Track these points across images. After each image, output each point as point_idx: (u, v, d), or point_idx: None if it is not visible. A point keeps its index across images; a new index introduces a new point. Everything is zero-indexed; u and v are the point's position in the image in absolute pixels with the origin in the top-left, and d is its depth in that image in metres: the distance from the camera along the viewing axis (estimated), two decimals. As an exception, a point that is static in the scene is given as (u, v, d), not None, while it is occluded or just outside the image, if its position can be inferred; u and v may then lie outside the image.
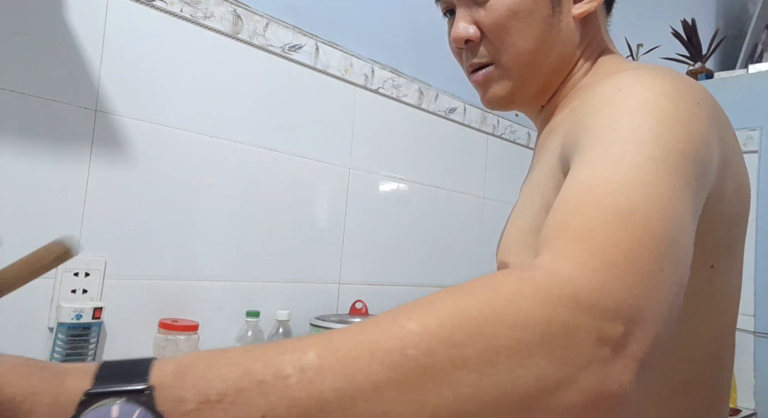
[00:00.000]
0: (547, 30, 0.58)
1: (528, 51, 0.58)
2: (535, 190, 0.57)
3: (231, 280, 1.20)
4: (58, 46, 0.97)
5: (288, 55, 1.31)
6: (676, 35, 2.20)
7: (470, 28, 0.59)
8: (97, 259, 1.01)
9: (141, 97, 1.08)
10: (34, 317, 0.95)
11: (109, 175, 1.03)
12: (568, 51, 0.60)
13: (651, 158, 0.39)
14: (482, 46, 0.60)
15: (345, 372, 0.29)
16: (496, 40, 0.58)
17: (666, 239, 0.35)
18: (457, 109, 1.75)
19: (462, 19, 0.60)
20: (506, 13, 0.57)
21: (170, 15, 1.12)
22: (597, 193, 0.38)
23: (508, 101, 0.62)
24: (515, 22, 0.57)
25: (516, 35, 0.57)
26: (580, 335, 0.31)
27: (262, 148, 1.26)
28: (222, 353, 0.31)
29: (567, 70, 0.61)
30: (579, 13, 0.59)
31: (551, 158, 0.55)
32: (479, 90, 0.64)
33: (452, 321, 0.31)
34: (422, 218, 1.64)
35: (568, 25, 0.59)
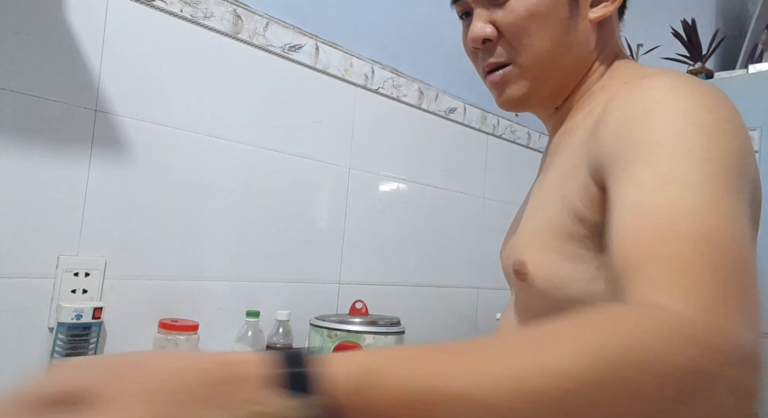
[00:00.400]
0: (564, 32, 0.59)
1: (545, 52, 0.59)
2: (552, 191, 0.57)
3: (231, 280, 1.20)
4: (58, 46, 0.97)
5: (288, 55, 1.31)
6: (676, 35, 2.20)
7: (487, 28, 0.60)
8: (97, 259, 1.01)
9: (141, 97, 1.08)
10: (34, 317, 0.95)
11: (109, 175, 1.03)
12: (584, 54, 0.61)
13: (708, 176, 0.40)
14: (499, 46, 0.61)
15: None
16: (514, 40, 0.59)
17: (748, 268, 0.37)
18: (457, 109, 1.75)
19: (480, 19, 0.60)
20: (525, 14, 0.58)
21: (170, 15, 1.12)
22: (667, 217, 0.38)
23: (525, 102, 0.63)
24: (533, 23, 0.58)
25: (534, 36, 0.59)
26: (722, 386, 0.31)
27: (262, 148, 1.26)
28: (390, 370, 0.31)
29: (582, 73, 0.62)
30: (596, 17, 0.60)
31: (570, 160, 0.55)
32: (495, 90, 0.64)
33: (597, 362, 0.30)
34: (422, 218, 1.64)
35: (585, 28, 0.60)
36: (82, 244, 1.00)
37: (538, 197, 0.62)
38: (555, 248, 0.53)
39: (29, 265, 0.94)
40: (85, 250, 1.00)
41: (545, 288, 0.54)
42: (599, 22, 0.61)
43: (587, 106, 0.61)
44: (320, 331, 1.17)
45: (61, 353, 0.93)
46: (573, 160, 0.55)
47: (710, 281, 0.35)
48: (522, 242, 0.58)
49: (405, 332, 1.25)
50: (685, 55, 2.21)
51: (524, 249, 0.57)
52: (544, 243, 0.54)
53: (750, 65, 2.10)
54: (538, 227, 0.57)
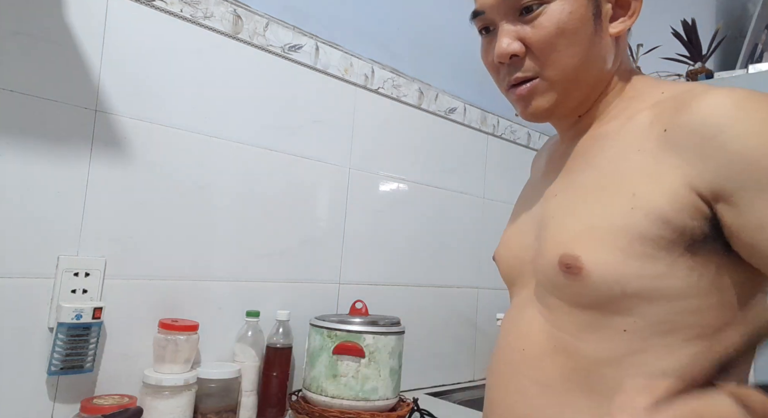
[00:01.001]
0: (590, 47, 0.62)
1: (573, 66, 0.62)
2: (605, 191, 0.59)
3: (231, 280, 1.20)
4: (58, 46, 0.97)
5: (288, 55, 1.31)
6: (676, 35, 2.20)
7: (515, 44, 0.62)
8: (97, 259, 1.01)
9: (141, 97, 1.08)
10: (34, 317, 0.95)
11: (109, 175, 1.03)
12: (606, 67, 0.64)
13: None
14: (527, 61, 0.63)
15: None
16: (543, 56, 0.62)
17: None
18: (457, 109, 1.75)
19: (507, 35, 0.62)
20: (555, 31, 0.60)
21: (170, 15, 1.12)
22: None
23: (550, 113, 0.66)
24: (563, 40, 0.60)
25: (563, 52, 0.61)
26: None
27: (262, 148, 1.26)
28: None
29: (605, 84, 0.66)
30: (616, 32, 0.64)
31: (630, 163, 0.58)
32: (520, 103, 0.66)
33: None
34: (422, 218, 1.64)
35: (607, 42, 0.63)
36: (82, 244, 1.00)
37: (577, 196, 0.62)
38: (620, 246, 0.54)
39: (29, 265, 0.94)
40: (85, 250, 1.00)
41: (604, 284, 0.55)
42: (617, 37, 0.64)
43: (621, 113, 0.64)
44: (320, 331, 1.17)
45: (61, 353, 0.93)
46: (637, 164, 0.57)
47: None
48: (571, 238, 0.59)
49: (405, 332, 1.25)
50: (685, 55, 2.21)
51: (576, 245, 0.57)
52: (605, 240, 0.56)
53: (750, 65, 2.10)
54: (596, 224, 0.57)
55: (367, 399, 1.14)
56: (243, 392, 1.13)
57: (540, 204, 0.69)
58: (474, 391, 1.68)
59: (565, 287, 0.59)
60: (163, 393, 0.98)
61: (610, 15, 0.63)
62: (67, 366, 0.94)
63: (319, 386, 1.15)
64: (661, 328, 0.54)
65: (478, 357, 1.80)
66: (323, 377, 1.15)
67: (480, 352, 1.81)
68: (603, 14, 0.62)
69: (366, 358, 1.14)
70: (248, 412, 1.13)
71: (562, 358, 0.59)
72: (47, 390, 0.95)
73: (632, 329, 0.55)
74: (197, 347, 1.08)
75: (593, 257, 0.56)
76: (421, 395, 1.52)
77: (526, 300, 0.66)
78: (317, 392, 1.15)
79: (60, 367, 0.93)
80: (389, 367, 1.17)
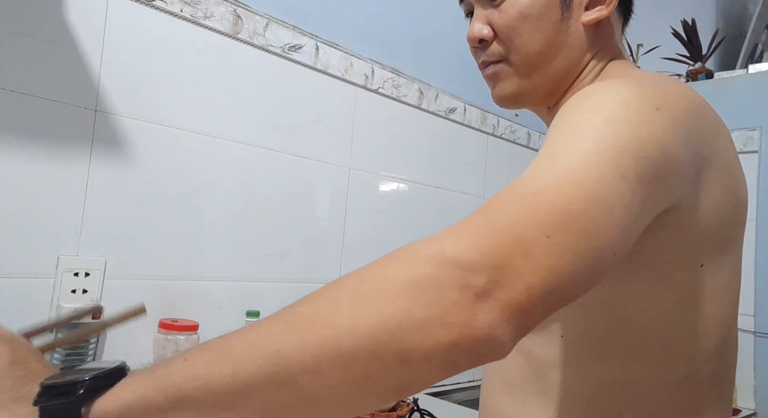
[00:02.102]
0: (555, 34, 0.61)
1: (536, 52, 0.61)
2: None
3: (231, 280, 1.20)
4: (58, 46, 0.97)
5: (288, 55, 1.31)
6: (676, 35, 2.20)
7: (484, 29, 0.62)
8: (97, 259, 1.01)
9: (141, 97, 1.08)
10: (34, 317, 0.94)
11: (109, 175, 1.03)
12: (576, 55, 0.63)
13: (584, 151, 0.41)
14: (494, 44, 0.63)
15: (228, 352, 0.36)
16: (506, 40, 0.62)
17: (564, 212, 0.37)
18: (457, 109, 1.75)
19: (477, 19, 0.63)
20: (517, 15, 0.60)
21: (170, 15, 1.12)
22: (518, 182, 0.41)
23: (516, 99, 0.65)
24: (525, 25, 0.60)
25: (526, 37, 0.61)
26: (444, 284, 0.34)
27: (262, 148, 1.26)
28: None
29: (575, 74, 0.64)
30: (588, 20, 0.62)
31: None
32: (489, 84, 0.67)
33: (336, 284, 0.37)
34: (422, 218, 1.64)
35: (577, 30, 0.62)
36: (82, 244, 1.00)
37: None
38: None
39: (29, 265, 0.94)
40: (85, 250, 1.00)
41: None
42: (596, 25, 0.62)
43: None
44: (320, 331, 1.17)
45: (61, 353, 0.93)
46: None
47: (493, 219, 0.37)
48: None
49: (405, 332, 1.25)
50: (685, 55, 2.21)
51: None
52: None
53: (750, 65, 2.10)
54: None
55: (367, 399, 1.14)
56: (243, 392, 1.13)
57: None
58: (474, 391, 1.68)
59: None
60: (163, 393, 0.98)
61: (585, 3, 0.61)
62: (67, 366, 0.94)
63: (319, 386, 1.15)
64: (591, 336, 0.54)
65: (478, 357, 1.80)
66: (323, 377, 1.14)
67: (480, 352, 1.81)
68: (575, 2, 0.61)
69: (366, 358, 1.14)
70: (248, 412, 1.13)
71: (521, 359, 0.61)
72: (47, 390, 0.95)
73: (567, 335, 0.55)
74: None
75: None
76: (421, 395, 1.52)
77: None
78: (317, 392, 1.15)
79: (60, 367, 0.93)
80: (389, 367, 1.17)
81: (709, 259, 0.53)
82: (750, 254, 1.81)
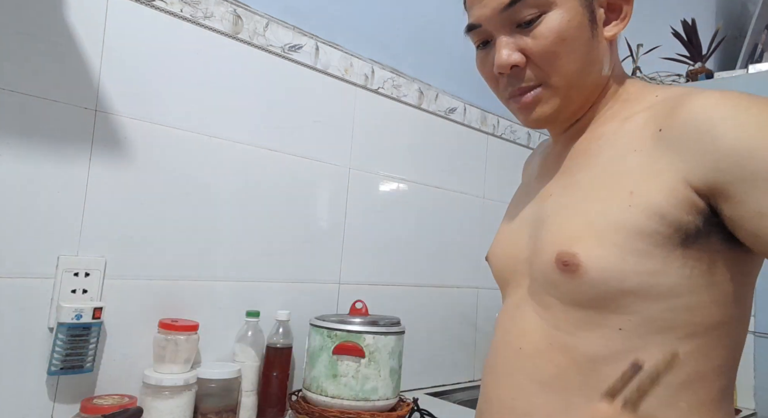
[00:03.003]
0: (588, 52, 0.63)
1: (575, 72, 0.63)
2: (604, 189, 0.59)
3: (231, 280, 1.20)
4: (58, 46, 0.97)
5: (288, 55, 1.31)
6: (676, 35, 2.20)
7: (515, 55, 0.63)
8: (97, 259, 1.01)
9: (141, 97, 1.08)
10: (34, 317, 0.95)
11: (109, 175, 1.03)
12: (604, 70, 0.66)
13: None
14: (528, 70, 0.64)
15: None
16: (545, 65, 0.63)
17: None
18: (457, 109, 1.75)
19: (506, 46, 0.63)
20: (556, 39, 0.61)
21: (170, 15, 1.12)
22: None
23: (554, 119, 0.67)
24: (564, 48, 0.62)
25: (565, 58, 0.62)
26: None
27: (262, 148, 1.26)
28: None
29: (602, 88, 0.67)
30: (610, 35, 0.65)
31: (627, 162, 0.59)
32: (523, 111, 0.67)
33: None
34: (422, 218, 1.64)
35: (604, 46, 0.65)
36: (82, 244, 1.00)
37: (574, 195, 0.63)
38: (618, 242, 0.55)
39: (29, 265, 0.94)
40: (85, 250, 1.00)
41: (601, 280, 0.56)
42: (610, 41, 0.66)
43: (617, 115, 0.65)
44: (320, 331, 1.17)
45: (61, 353, 0.93)
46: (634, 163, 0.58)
47: None
48: (568, 236, 0.60)
49: (405, 332, 1.25)
50: (685, 55, 2.21)
51: (574, 242, 0.58)
52: (603, 237, 0.56)
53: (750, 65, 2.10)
54: (593, 222, 0.58)
55: (367, 399, 1.14)
56: (243, 392, 1.13)
57: (534, 205, 0.70)
58: (474, 391, 1.68)
59: (561, 284, 0.59)
60: (163, 393, 0.98)
61: (603, 19, 0.64)
62: (67, 366, 0.94)
63: (319, 386, 1.15)
64: (655, 326, 0.55)
65: (477, 357, 1.80)
66: (323, 377, 1.15)
67: (480, 352, 1.81)
68: (597, 19, 0.64)
69: (366, 358, 1.14)
70: (248, 412, 1.13)
71: (559, 356, 0.60)
72: (47, 390, 0.95)
73: (628, 327, 0.56)
74: (197, 347, 1.08)
75: (591, 254, 0.56)
76: (421, 395, 1.52)
77: (521, 299, 0.67)
78: (317, 392, 1.15)
79: (60, 367, 0.93)
80: (389, 367, 1.17)
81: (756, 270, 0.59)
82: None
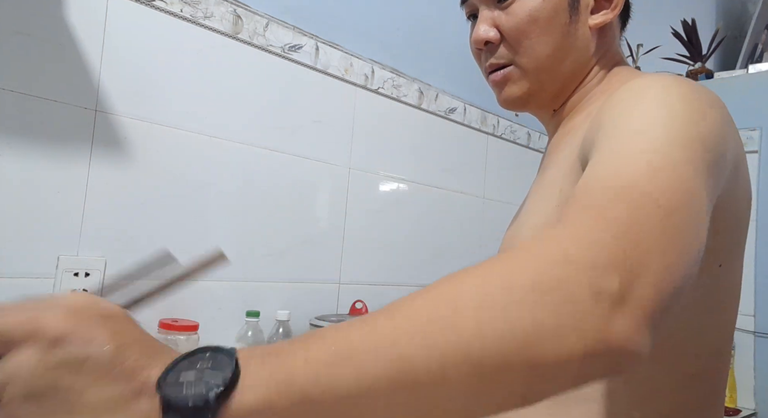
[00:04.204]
0: (563, 37, 0.61)
1: (545, 55, 0.61)
2: (550, 188, 0.59)
3: (231, 280, 1.20)
4: (58, 46, 0.97)
5: (288, 55, 1.31)
6: (676, 35, 2.20)
7: (491, 31, 0.62)
8: (97, 259, 1.01)
9: (141, 97, 1.07)
10: (34, 317, 0.94)
11: (109, 175, 1.03)
12: (583, 58, 0.63)
13: (660, 143, 0.40)
14: (501, 48, 0.63)
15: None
16: (515, 43, 0.62)
17: (671, 206, 0.36)
18: (457, 109, 1.75)
19: (483, 21, 0.63)
20: (527, 18, 0.60)
21: (170, 15, 1.12)
22: (604, 178, 0.39)
23: (524, 102, 0.65)
24: (535, 28, 0.60)
25: (535, 40, 0.61)
26: (574, 288, 0.32)
27: (262, 148, 1.26)
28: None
29: (581, 77, 0.64)
30: (595, 23, 0.63)
31: (568, 157, 0.57)
32: (496, 89, 0.66)
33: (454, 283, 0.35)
34: (422, 218, 1.64)
35: (584, 34, 0.62)
36: (82, 244, 1.00)
37: (537, 195, 0.63)
38: None
39: (29, 265, 0.94)
40: (85, 250, 1.00)
41: None
42: (600, 29, 0.63)
43: (586, 108, 0.63)
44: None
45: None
46: (571, 157, 0.56)
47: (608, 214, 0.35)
48: (516, 237, 0.61)
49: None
50: (685, 55, 2.21)
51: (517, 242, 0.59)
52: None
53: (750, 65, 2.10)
54: (536, 224, 0.58)
55: (367, 399, 1.14)
56: (243, 392, 1.13)
57: (524, 203, 0.71)
58: (474, 391, 1.68)
59: None
60: (163, 393, 0.98)
61: (591, 6, 0.62)
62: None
63: (319, 386, 1.15)
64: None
65: (478, 357, 1.80)
66: (323, 377, 1.14)
67: (480, 352, 1.81)
68: (581, 5, 0.62)
69: (366, 358, 1.14)
70: (248, 412, 1.13)
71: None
72: (47, 390, 0.95)
73: None
74: (197, 347, 1.07)
75: None
76: (421, 395, 1.52)
77: None
78: (317, 392, 1.15)
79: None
80: (389, 367, 1.17)
81: (727, 259, 0.53)
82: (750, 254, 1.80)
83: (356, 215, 1.46)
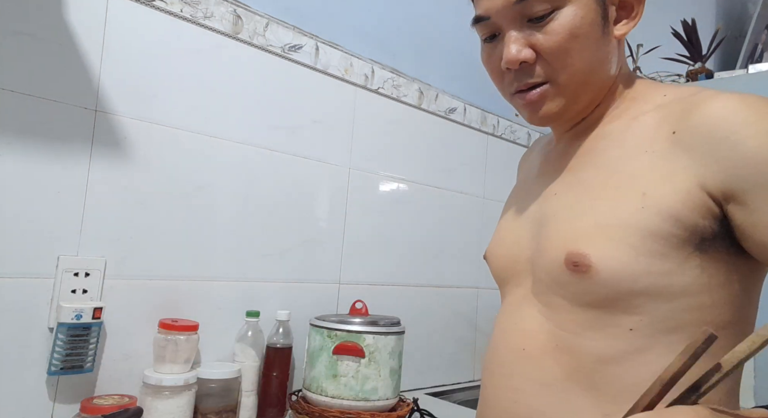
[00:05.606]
0: (598, 50, 0.62)
1: (584, 70, 0.62)
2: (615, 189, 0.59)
3: (231, 280, 1.20)
4: (58, 46, 0.97)
5: (288, 55, 1.31)
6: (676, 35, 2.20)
7: (525, 51, 0.62)
8: (97, 259, 1.01)
9: (141, 97, 1.08)
10: (34, 317, 0.95)
11: (109, 175, 1.03)
12: (613, 68, 0.65)
13: None
14: (537, 67, 0.63)
15: None
16: (556, 62, 0.62)
17: None
18: (457, 109, 1.75)
19: (515, 42, 0.62)
20: (568, 36, 0.60)
21: (170, 15, 1.12)
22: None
23: (559, 117, 0.66)
24: (575, 45, 0.61)
25: (576, 56, 0.61)
26: None
27: (262, 148, 1.26)
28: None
29: (609, 86, 0.66)
30: (620, 34, 0.64)
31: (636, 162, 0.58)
32: (529, 108, 0.66)
33: None
34: (422, 218, 1.64)
35: (613, 45, 0.64)
36: (82, 244, 1.00)
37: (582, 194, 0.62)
38: (631, 243, 0.55)
39: (29, 265, 0.94)
40: (85, 250, 1.00)
41: (613, 281, 0.55)
42: (619, 39, 0.65)
43: (624, 114, 0.64)
44: (320, 331, 1.17)
45: (61, 353, 0.93)
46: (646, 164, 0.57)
47: None
48: (577, 236, 0.59)
49: (405, 332, 1.25)
50: (685, 55, 2.21)
51: (584, 243, 0.57)
52: (615, 237, 0.56)
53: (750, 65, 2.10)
54: (604, 223, 0.57)
55: (367, 399, 1.14)
56: (243, 392, 1.13)
57: (537, 203, 0.69)
58: (474, 391, 1.68)
59: (570, 285, 0.59)
60: (163, 393, 0.98)
61: (614, 17, 0.64)
62: (67, 366, 0.94)
63: (319, 386, 1.15)
64: (665, 325, 0.55)
65: (478, 357, 1.80)
66: (323, 377, 1.15)
67: (480, 352, 1.81)
68: (609, 17, 0.63)
69: (366, 358, 1.14)
70: (248, 412, 1.13)
71: (565, 357, 0.59)
72: (47, 390, 0.95)
73: (638, 327, 0.55)
74: (197, 347, 1.08)
75: (602, 254, 0.56)
76: (421, 395, 1.52)
77: (523, 299, 0.66)
78: (317, 392, 1.15)
79: (60, 367, 0.93)
80: (389, 367, 1.17)
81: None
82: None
83: (356, 215, 1.46)
